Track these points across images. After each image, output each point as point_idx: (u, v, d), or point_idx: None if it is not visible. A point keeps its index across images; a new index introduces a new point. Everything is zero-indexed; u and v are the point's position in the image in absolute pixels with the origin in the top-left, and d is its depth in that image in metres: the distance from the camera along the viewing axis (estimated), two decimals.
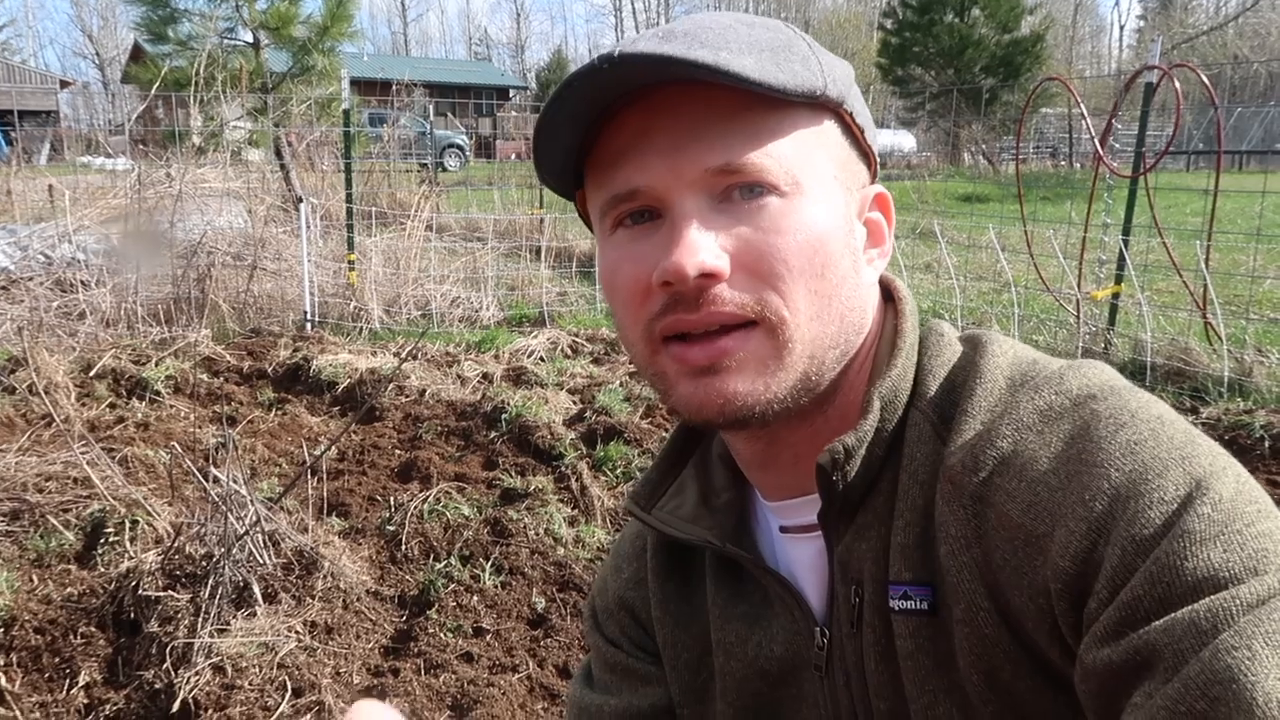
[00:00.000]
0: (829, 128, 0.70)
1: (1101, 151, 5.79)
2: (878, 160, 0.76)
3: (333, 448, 4.05)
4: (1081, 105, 6.79)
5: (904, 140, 27.17)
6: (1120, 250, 5.75)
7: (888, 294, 0.79)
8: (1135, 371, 5.20)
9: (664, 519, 0.83)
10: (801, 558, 0.78)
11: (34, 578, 2.90)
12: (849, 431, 0.70)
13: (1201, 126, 22.28)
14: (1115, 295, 5.82)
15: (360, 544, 3.22)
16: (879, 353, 0.75)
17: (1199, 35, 36.55)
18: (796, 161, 0.66)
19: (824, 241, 0.67)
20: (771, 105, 0.65)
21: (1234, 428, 4.19)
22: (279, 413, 4.75)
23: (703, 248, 0.64)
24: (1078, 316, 5.91)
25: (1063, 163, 23.64)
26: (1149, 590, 0.54)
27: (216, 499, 2.73)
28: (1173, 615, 0.52)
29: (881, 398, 0.71)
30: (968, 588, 0.65)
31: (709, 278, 0.64)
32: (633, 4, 61.89)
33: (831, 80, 0.68)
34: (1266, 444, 4.00)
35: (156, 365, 5.16)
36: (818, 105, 0.69)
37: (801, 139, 0.67)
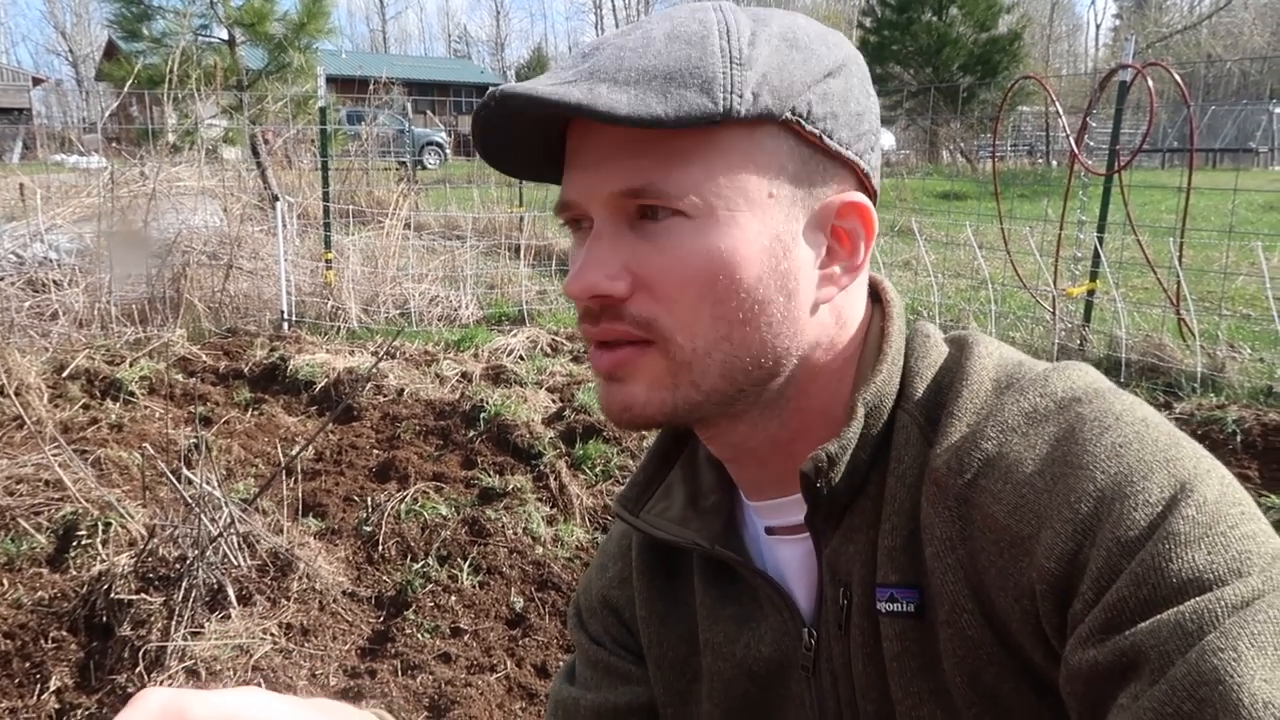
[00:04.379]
0: (768, 140, 0.66)
1: (1077, 150, 5.84)
2: (863, 168, 0.72)
3: (310, 448, 4.02)
4: (1057, 103, 6.83)
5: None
6: (1095, 247, 5.80)
7: (874, 294, 0.78)
8: (1110, 368, 5.25)
9: (652, 521, 0.83)
10: (789, 559, 0.78)
11: (4, 581, 2.86)
12: (832, 439, 0.70)
13: (1176, 125, 22.51)
14: (1090, 292, 5.87)
15: (337, 545, 3.20)
16: (864, 356, 0.75)
17: (1173, 34, 36.91)
18: (708, 185, 0.65)
19: (732, 268, 0.66)
20: (687, 127, 0.63)
21: (1207, 423, 4.24)
22: (255, 413, 4.71)
23: (596, 270, 0.67)
24: (1053, 313, 5.95)
25: (1040, 161, 23.82)
26: (1134, 592, 0.54)
27: (190, 500, 2.70)
28: (1158, 617, 0.53)
29: (866, 404, 0.70)
30: (952, 589, 0.65)
31: (605, 298, 0.67)
32: (612, 2, 61.79)
33: (749, 97, 0.64)
34: (1239, 439, 4.05)
35: (130, 366, 5.11)
36: (755, 121, 0.66)
37: (722, 158, 0.65)
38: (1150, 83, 5.38)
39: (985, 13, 25.04)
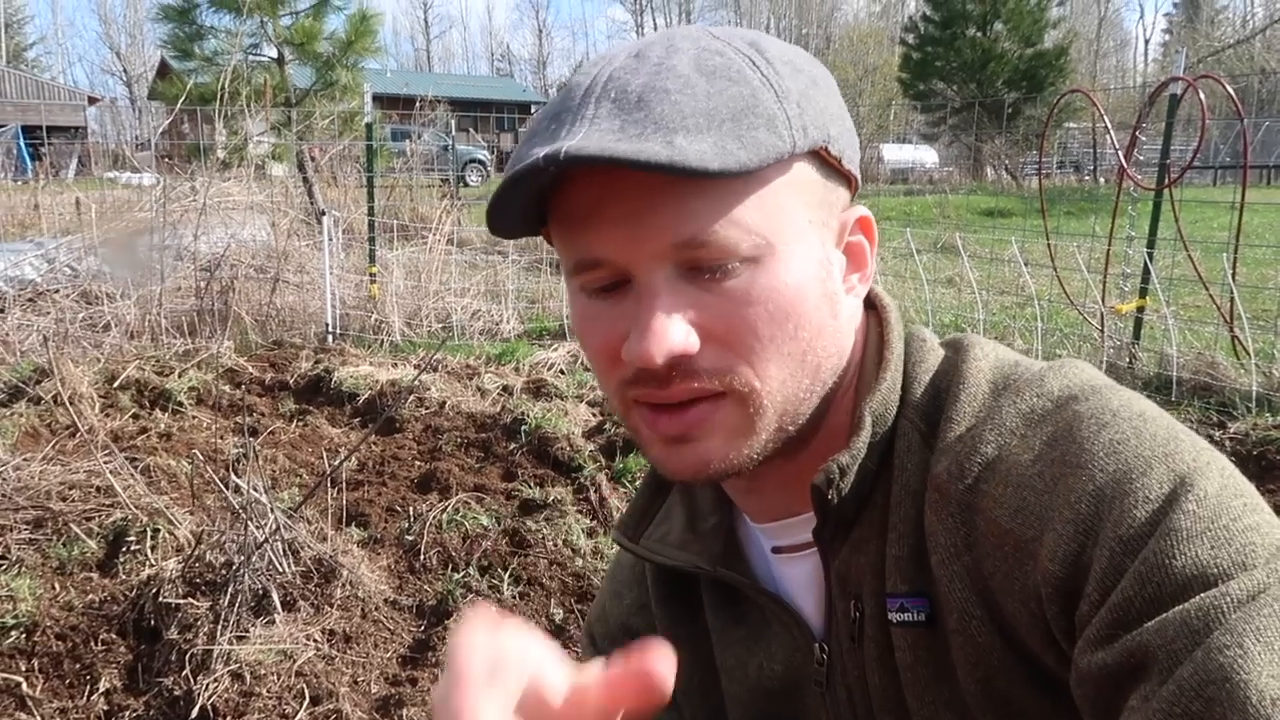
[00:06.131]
0: (801, 169, 0.66)
1: (1126, 164, 5.75)
2: (858, 180, 0.73)
3: (353, 458, 4.06)
4: (1105, 117, 6.73)
5: (926, 155, 27.08)
6: (1145, 264, 5.70)
7: (868, 301, 0.77)
8: (1161, 386, 5.14)
9: (652, 547, 0.83)
10: (797, 575, 0.78)
11: (56, 585, 2.92)
12: (843, 450, 0.69)
13: (1229, 140, 22.07)
14: (1140, 309, 5.76)
15: (379, 554, 3.23)
16: (864, 366, 0.74)
17: (1225, 48, 36.27)
18: (765, 222, 0.63)
19: (797, 302, 0.65)
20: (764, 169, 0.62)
21: (1262, 443, 4.13)
22: (300, 424, 4.77)
23: (670, 332, 0.62)
24: (1102, 331, 5.85)
25: (1087, 177, 23.50)
26: (1139, 591, 0.54)
27: (237, 507, 2.74)
28: (1164, 615, 0.52)
29: (873, 412, 0.70)
30: (960, 596, 0.64)
31: (680, 357, 0.63)
32: (653, 20, 62.21)
33: (802, 130, 0.64)
34: None
35: (179, 376, 5.20)
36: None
37: (770, 193, 0.63)
38: (1202, 96, 5.29)
39: (1031, 28, 24.85)
